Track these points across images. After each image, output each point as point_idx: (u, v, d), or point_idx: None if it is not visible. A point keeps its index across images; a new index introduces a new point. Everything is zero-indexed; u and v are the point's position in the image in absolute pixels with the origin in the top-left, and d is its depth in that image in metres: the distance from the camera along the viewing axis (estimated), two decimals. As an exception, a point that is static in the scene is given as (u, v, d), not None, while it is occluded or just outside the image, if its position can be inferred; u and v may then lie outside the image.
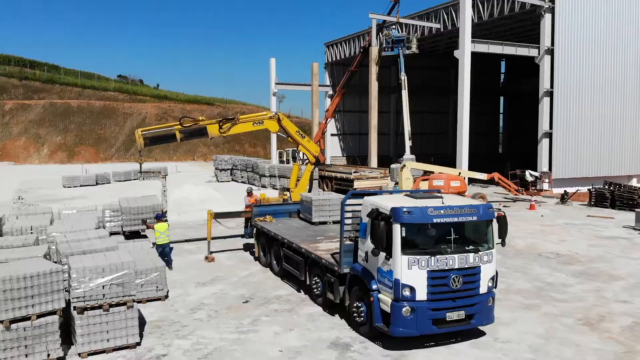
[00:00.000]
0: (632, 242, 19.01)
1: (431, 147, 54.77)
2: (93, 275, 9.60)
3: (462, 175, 26.89)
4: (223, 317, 11.42)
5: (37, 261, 10.01)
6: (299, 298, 12.70)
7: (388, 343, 9.76)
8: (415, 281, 9.31)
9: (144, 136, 17.81)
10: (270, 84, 49.21)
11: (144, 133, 17.87)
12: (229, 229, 19.14)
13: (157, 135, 18.45)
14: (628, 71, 33.92)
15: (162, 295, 12.56)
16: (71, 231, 12.80)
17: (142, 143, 17.70)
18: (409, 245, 9.39)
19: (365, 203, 10.49)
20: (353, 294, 10.63)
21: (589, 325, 11.01)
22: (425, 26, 38.41)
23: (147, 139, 17.90)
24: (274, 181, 36.67)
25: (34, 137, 67.13)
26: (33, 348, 9.28)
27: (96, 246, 11.10)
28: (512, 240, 19.05)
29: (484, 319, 9.98)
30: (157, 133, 18.52)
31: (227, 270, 15.28)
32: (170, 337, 10.37)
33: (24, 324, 9.17)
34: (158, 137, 18.52)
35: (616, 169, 33.96)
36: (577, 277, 14.46)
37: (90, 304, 9.63)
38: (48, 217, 15.25)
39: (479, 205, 9.99)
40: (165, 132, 18.59)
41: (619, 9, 33.17)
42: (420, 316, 9.32)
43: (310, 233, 14.55)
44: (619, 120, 33.91)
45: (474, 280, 9.66)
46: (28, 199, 33.70)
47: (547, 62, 31.57)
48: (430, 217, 9.40)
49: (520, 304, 12.29)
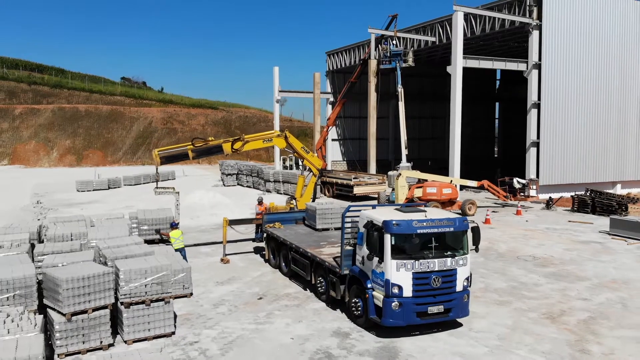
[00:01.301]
0: (604, 246, 21.03)
1: (429, 151, 56.86)
2: (137, 276, 11.65)
3: (453, 182, 28.91)
4: (242, 311, 13.47)
5: (90, 264, 12.06)
6: (306, 295, 14.74)
7: (380, 332, 11.81)
8: (402, 281, 11.36)
9: (160, 155, 19.52)
10: (274, 92, 51.23)
11: (160, 153, 19.61)
12: (241, 234, 21.13)
13: (171, 155, 19.91)
14: (611, 84, 35.95)
15: (188, 293, 14.57)
16: (109, 238, 14.85)
17: (158, 162, 19.41)
18: (397, 251, 11.43)
19: (362, 216, 12.54)
20: (352, 291, 12.68)
21: (550, 319, 13.04)
22: (421, 39, 40.42)
23: (162, 158, 19.49)
24: (278, 186, 38.64)
25: (44, 141, 69.21)
26: (89, 336, 11.31)
27: (135, 251, 13.14)
28: (496, 244, 21.14)
29: (460, 312, 12.02)
30: (171, 153, 19.96)
31: (241, 271, 17.33)
32: (199, 328, 12.42)
33: (82, 316, 11.19)
34: (172, 156, 19.90)
35: (601, 176, 35.99)
36: (548, 278, 16.50)
37: (134, 300, 11.68)
38: (83, 224, 17.33)
39: (456, 218, 12.04)
40: (178, 151, 20.09)
41: (602, 26, 35.19)
42: (406, 310, 11.37)
43: (314, 238, 16.60)
44: (603, 129, 35.95)
45: (451, 280, 11.70)
46: (46, 203, 35.71)
47: (534, 76, 33.64)
48: (414, 228, 11.45)
49: (494, 301, 14.33)
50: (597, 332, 12.20)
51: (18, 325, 10.23)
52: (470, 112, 56.14)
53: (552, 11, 33.19)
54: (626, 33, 36.16)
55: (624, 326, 12.59)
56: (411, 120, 52.59)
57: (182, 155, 19.78)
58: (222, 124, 78.31)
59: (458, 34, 32.11)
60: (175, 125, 74.58)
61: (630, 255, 19.57)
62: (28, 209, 33.85)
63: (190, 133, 74.82)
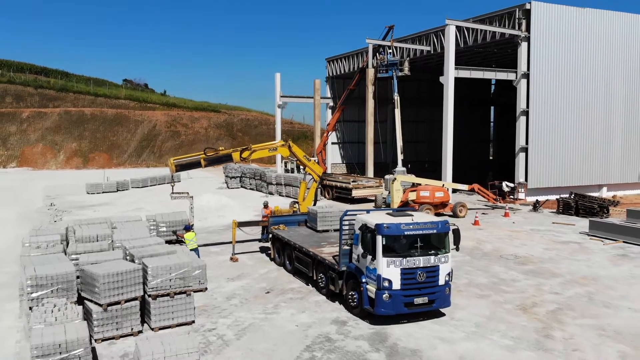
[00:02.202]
0: (581, 246, 22.87)
1: (425, 154, 58.66)
2: (163, 272, 13.46)
3: (445, 186, 30.72)
4: (252, 303, 15.29)
5: (121, 262, 13.89)
6: (308, 290, 16.56)
7: (373, 320, 13.61)
8: (392, 276, 13.17)
9: (175, 164, 21.31)
10: (276, 97, 53.13)
11: (175, 161, 21.43)
12: (248, 235, 22.91)
13: (185, 163, 21.71)
14: (596, 91, 37.79)
15: (203, 288, 16.36)
16: (133, 239, 16.66)
17: (173, 169, 21.26)
18: (388, 250, 13.24)
19: (357, 219, 14.36)
20: (348, 285, 14.50)
21: (523, 310, 14.86)
22: (417, 49, 42.26)
23: (177, 166, 21.32)
24: (280, 189, 40.43)
25: (51, 144, 70.95)
26: (122, 324, 13.11)
27: (159, 250, 14.95)
28: (482, 244, 22.97)
29: (442, 303, 13.84)
30: (185, 161, 21.79)
31: (249, 268, 19.16)
32: (215, 317, 14.24)
33: (116, 307, 12.99)
34: (186, 164, 21.73)
35: (587, 179, 37.81)
36: (526, 275, 18.33)
37: (160, 293, 13.48)
38: (105, 226, 19.13)
39: (438, 221, 13.86)
40: (192, 160, 21.85)
41: (587, 37, 37.01)
42: (395, 300, 13.19)
43: (315, 239, 18.41)
44: (589, 135, 37.79)
45: (434, 275, 13.51)
46: (59, 205, 37.46)
47: (523, 85, 35.49)
48: (402, 230, 13.27)
49: (475, 294, 16.15)
50: (562, 321, 14.01)
51: (64, 314, 12.07)
52: (466, 116, 58.14)
53: (539, 24, 35.04)
54: (610, 43, 37.99)
55: (586, 316, 14.41)
56: (409, 124, 54.55)
57: (195, 164, 21.56)
58: (225, 127, 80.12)
59: (450, 46, 33.97)
60: (179, 128, 76.39)
61: (604, 254, 21.39)
62: (42, 210, 35.62)
63: (194, 136, 76.81)
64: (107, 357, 11.96)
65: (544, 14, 35.21)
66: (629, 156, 39.54)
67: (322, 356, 11.75)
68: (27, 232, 27.77)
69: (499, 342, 12.57)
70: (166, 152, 73.43)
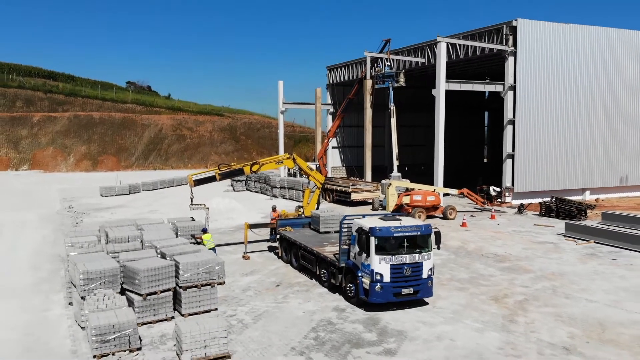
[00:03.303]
0: (556, 246, 25.51)
1: (422, 157, 61.23)
2: (192, 267, 16.09)
3: (436, 191, 33.36)
4: (264, 294, 17.93)
5: (156, 259, 16.53)
6: (312, 283, 19.20)
7: (367, 308, 16.24)
8: (383, 270, 15.80)
9: (194, 179, 24.10)
10: (279, 104, 55.78)
11: (193, 177, 24.20)
12: (258, 235, 25.49)
13: (202, 178, 24.42)
14: (579, 102, 40.47)
15: (222, 281, 18.98)
16: (161, 239, 19.29)
17: (192, 184, 24.04)
18: (379, 249, 15.86)
19: (354, 223, 17.01)
20: (347, 279, 17.14)
21: (495, 300, 17.49)
22: (412, 60, 44.91)
23: (195, 181, 24.12)
24: (283, 192, 43.08)
25: (61, 147, 73.57)
26: (158, 310, 15.73)
27: (186, 249, 17.60)
28: (467, 244, 25.62)
29: (425, 293, 16.49)
30: (202, 177, 24.51)
31: (260, 265, 21.80)
32: (234, 305, 16.87)
33: (153, 296, 15.60)
34: (203, 179, 24.45)
35: (571, 184, 40.46)
36: (502, 271, 20.97)
37: (190, 284, 16.11)
38: (133, 228, 21.75)
39: (422, 224, 16.51)
40: (208, 175, 24.55)
41: (570, 51, 39.68)
42: (386, 291, 15.82)
43: (318, 240, 21.06)
44: (572, 142, 40.45)
45: (419, 270, 16.15)
46: (77, 208, 40.00)
47: (510, 96, 38.16)
48: (392, 232, 15.90)
49: (456, 287, 18.79)
50: (527, 309, 16.65)
51: (113, 302, 14.70)
52: (461, 120, 60.91)
53: (525, 39, 37.70)
54: (593, 56, 40.66)
55: (548, 305, 17.05)
56: (407, 128, 57.32)
57: (211, 178, 24.26)
58: (228, 130, 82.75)
59: (441, 61, 36.64)
60: (184, 131, 79.03)
61: (575, 253, 24.04)
62: (62, 213, 38.16)
63: (199, 139, 79.46)
64: (148, 337, 14.55)
65: (530, 31, 37.87)
66: (610, 162, 42.20)
67: (325, 336, 14.39)
68: (51, 232, 30.61)
69: (471, 325, 15.20)
70: (172, 154, 76.18)
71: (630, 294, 18.20)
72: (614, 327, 15.19)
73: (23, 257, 24.34)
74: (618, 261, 22.59)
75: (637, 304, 17.16)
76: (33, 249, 26.02)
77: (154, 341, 14.22)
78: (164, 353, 13.45)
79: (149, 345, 13.98)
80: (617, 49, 41.44)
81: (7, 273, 21.40)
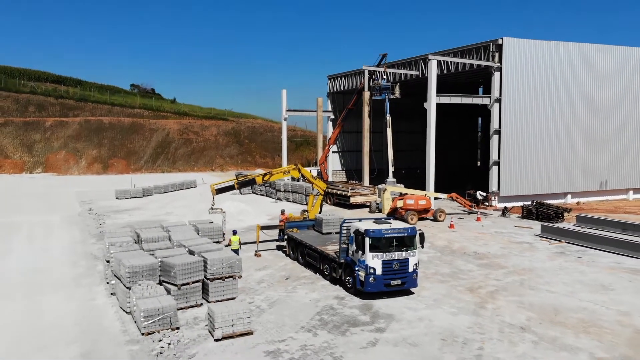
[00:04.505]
0: (531, 245, 28.82)
1: (419, 161, 64.57)
2: (217, 262, 19.40)
3: (427, 195, 36.69)
4: (276, 286, 21.25)
5: (187, 255, 19.84)
6: (316, 277, 22.51)
7: (363, 296, 19.54)
8: (376, 265, 19.10)
9: (215, 188, 27.78)
10: (282, 111, 59.15)
11: (215, 186, 27.78)
12: (268, 236, 28.73)
13: (222, 187, 28.16)
14: (560, 113, 43.85)
15: (239, 275, 22.29)
16: (187, 239, 22.60)
17: (214, 192, 27.57)
18: (373, 248, 19.17)
19: (352, 226, 20.33)
20: (346, 272, 20.45)
21: (470, 291, 20.81)
22: (407, 73, 48.29)
23: (217, 190, 27.75)
24: (287, 195, 46.35)
25: (73, 151, 76.90)
26: (189, 298, 19.01)
27: (211, 248, 20.92)
28: (452, 244, 28.94)
29: (411, 284, 19.81)
30: (222, 186, 28.21)
31: (270, 262, 25.12)
32: (251, 294, 20.19)
33: (186, 286, 18.89)
34: (223, 188, 28.19)
35: (553, 188, 43.81)
36: (480, 267, 24.28)
37: (216, 277, 19.41)
38: (160, 230, 25.03)
39: (409, 227, 19.84)
40: (227, 185, 28.30)
41: (552, 67, 43.07)
42: (378, 282, 19.13)
43: (321, 240, 24.37)
44: (554, 150, 43.80)
45: (405, 265, 19.46)
46: (96, 210, 43.14)
47: (496, 108, 41.53)
48: (383, 234, 19.22)
49: (438, 280, 22.11)
50: (496, 298, 19.96)
51: (155, 291, 18.00)
52: (457, 126, 64.32)
53: (510, 56, 41.06)
54: (573, 70, 44.03)
55: (514, 295, 20.35)
56: (404, 134, 60.76)
57: (230, 187, 27.66)
58: (233, 134, 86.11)
59: (432, 78, 40.00)
60: (191, 136, 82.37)
61: (547, 252, 27.35)
62: (83, 215, 41.34)
63: (204, 143, 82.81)
64: (183, 319, 17.83)
65: (514, 48, 41.23)
66: (589, 168, 45.55)
67: (328, 318, 17.71)
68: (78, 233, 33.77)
69: (448, 310, 18.52)
70: (179, 158, 79.54)
71: (585, 286, 21.52)
72: (565, 312, 18.50)
73: (58, 255, 27.39)
74: (582, 259, 25.91)
75: (589, 294, 20.48)
76: (65, 248, 29.08)
77: (189, 322, 17.51)
78: (198, 331, 16.75)
79: (185, 325, 17.26)
80: (595, 62, 44.80)
81: (49, 269, 24.56)
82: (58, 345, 15.90)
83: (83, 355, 15.14)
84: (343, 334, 16.30)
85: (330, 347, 15.28)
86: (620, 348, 15.48)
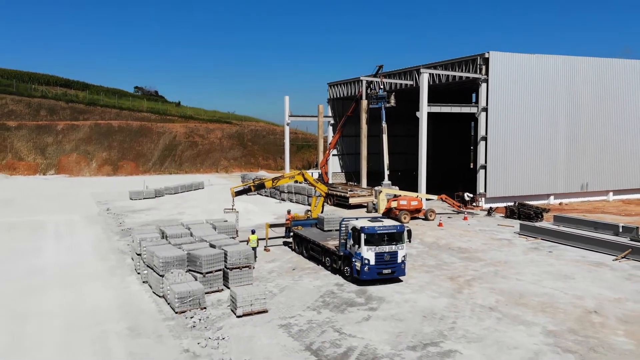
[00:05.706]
0: (510, 242, 32.35)
1: (414, 164, 68.05)
2: (236, 254, 22.91)
3: (419, 197, 40.22)
4: (284, 275, 24.77)
5: (209, 249, 23.36)
6: (319, 268, 26.02)
7: (359, 283, 23.04)
8: (370, 257, 22.62)
9: (235, 191, 31.10)
10: (285, 117, 62.67)
11: (234, 189, 31.13)
12: (276, 233, 32.17)
13: (240, 190, 31.48)
14: (543, 121, 47.40)
15: (252, 265, 25.79)
16: (208, 235, 26.11)
17: (234, 195, 30.95)
18: (367, 242, 22.67)
19: (350, 224, 23.86)
20: (344, 264, 23.97)
21: (451, 279, 24.32)
22: (402, 83, 51.87)
23: (236, 192, 31.09)
24: (290, 196, 49.84)
25: (84, 153, 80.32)
26: (213, 284, 22.49)
27: (230, 242, 24.44)
28: (439, 240, 32.47)
29: (400, 273, 23.34)
30: (240, 189, 31.52)
31: (279, 255, 28.64)
32: (263, 282, 23.70)
33: (210, 274, 22.40)
34: (241, 190, 31.52)
35: (537, 190, 47.33)
36: (462, 260, 27.81)
37: (234, 266, 22.92)
38: (182, 227, 28.53)
39: (398, 224, 23.37)
40: (245, 187, 31.62)
41: (536, 78, 46.62)
42: (372, 271, 22.65)
43: (323, 236, 27.89)
44: (537, 155, 47.33)
45: (395, 256, 22.98)
46: (114, 210, 46.41)
47: (483, 116, 45.08)
48: (376, 230, 22.75)
49: (424, 270, 25.65)
50: (472, 285, 23.48)
51: (185, 277, 21.51)
52: (450, 129, 67.83)
53: (496, 69, 44.60)
54: (555, 81, 47.58)
55: (487, 282, 23.87)
56: (401, 138, 64.29)
57: (247, 190, 31.11)
58: (236, 137, 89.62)
59: (424, 89, 43.56)
60: (196, 139, 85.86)
61: (523, 248, 30.87)
62: (102, 214, 44.66)
63: (209, 145, 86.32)
64: (209, 301, 21.31)
65: (500, 61, 44.76)
66: (571, 171, 49.09)
67: (330, 300, 21.24)
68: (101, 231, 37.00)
69: (430, 294, 22.05)
70: (186, 160, 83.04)
71: (550, 275, 25.06)
72: (529, 296, 22.03)
73: (87, 251, 30.51)
74: (553, 253, 29.44)
75: (552, 282, 24.01)
76: (92, 244, 32.22)
77: (213, 304, 21.02)
78: (222, 310, 20.26)
79: (210, 306, 20.75)
80: (576, 73, 48.35)
81: (82, 263, 27.73)
82: (108, 322, 19.33)
83: (131, 329, 18.61)
84: (342, 312, 19.82)
85: (332, 322, 18.80)
86: (569, 323, 19.00)
